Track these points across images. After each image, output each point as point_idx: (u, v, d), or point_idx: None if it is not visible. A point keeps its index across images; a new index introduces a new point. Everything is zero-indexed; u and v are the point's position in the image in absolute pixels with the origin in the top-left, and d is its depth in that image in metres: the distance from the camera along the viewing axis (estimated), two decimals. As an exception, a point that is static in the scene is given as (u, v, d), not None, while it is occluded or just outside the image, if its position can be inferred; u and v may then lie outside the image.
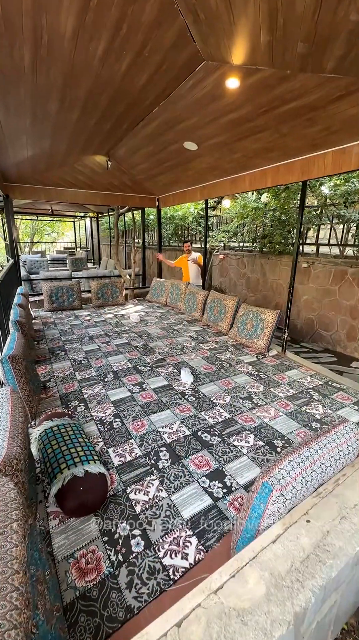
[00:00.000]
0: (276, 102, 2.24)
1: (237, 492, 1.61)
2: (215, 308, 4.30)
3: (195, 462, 1.80)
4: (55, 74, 1.84)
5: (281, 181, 3.40)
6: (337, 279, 4.91)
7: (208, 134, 3.00)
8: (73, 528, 1.41)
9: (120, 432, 2.07)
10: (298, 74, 1.90)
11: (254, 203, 6.54)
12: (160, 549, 1.32)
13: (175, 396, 2.51)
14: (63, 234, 21.97)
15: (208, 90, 2.25)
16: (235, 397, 2.52)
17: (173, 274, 9.21)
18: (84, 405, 2.36)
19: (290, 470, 1.09)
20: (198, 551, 1.31)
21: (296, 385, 2.76)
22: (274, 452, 1.90)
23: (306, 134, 2.59)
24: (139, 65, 1.89)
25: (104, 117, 2.68)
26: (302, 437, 2.04)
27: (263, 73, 1.95)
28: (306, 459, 1.16)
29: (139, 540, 1.35)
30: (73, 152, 3.70)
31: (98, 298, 5.53)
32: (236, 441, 1.99)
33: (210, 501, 1.55)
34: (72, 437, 1.80)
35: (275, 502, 1.03)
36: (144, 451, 1.89)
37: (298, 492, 1.09)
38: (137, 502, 1.54)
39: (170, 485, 1.63)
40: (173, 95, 2.39)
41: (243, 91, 2.19)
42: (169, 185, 5.14)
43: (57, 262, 11.50)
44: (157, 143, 3.45)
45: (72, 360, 3.17)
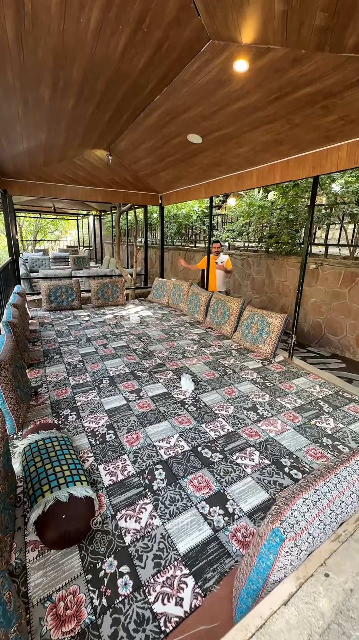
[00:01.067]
0: (288, 88, 2.05)
1: (240, 520, 1.43)
2: (219, 310, 4.11)
3: (194, 483, 1.63)
4: (44, 50, 1.67)
5: (291, 177, 3.20)
6: (347, 281, 4.70)
7: (214, 126, 2.81)
8: (54, 562, 1.24)
9: (113, 445, 1.90)
10: (313, 54, 1.71)
11: (260, 201, 6.33)
12: (151, 591, 1.14)
13: (174, 405, 2.33)
14: (67, 232, 21.87)
15: (214, 74, 2.06)
16: (238, 407, 2.34)
17: (187, 277, 9.03)
18: (76, 415, 2.20)
19: (305, 512, 0.91)
20: (195, 595, 1.13)
21: (305, 395, 2.57)
22: (281, 472, 1.72)
23: (320, 124, 2.39)
24: (138, 43, 1.71)
25: (102, 106, 2.51)
26: (312, 455, 1.86)
27: (274, 53, 1.76)
28: (324, 496, 0.97)
29: (127, 579, 1.18)
30: (72, 146, 3.53)
31: (98, 298, 5.37)
32: (239, 459, 1.81)
33: (209, 531, 1.37)
34: (59, 453, 1.63)
35: (288, 555, 0.85)
36: (138, 469, 1.71)
37: (314, 539, 0.90)
38: (127, 531, 1.36)
39: (165, 511, 1.46)
40: (176, 81, 2.21)
41: (252, 75, 2.00)
42: (172, 181, 4.96)
43: (59, 260, 11.37)
44: (159, 136, 3.27)
45: (67, 364, 3.01)
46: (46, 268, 9.41)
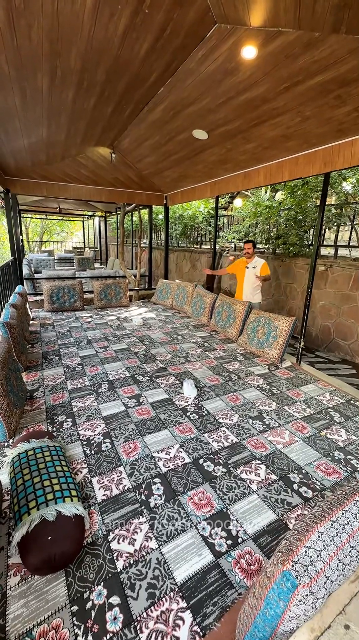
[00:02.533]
0: (299, 76, 1.93)
1: (244, 545, 1.29)
2: (224, 312, 3.98)
3: (194, 500, 1.49)
4: (38, 35, 1.57)
5: (300, 174, 3.06)
6: (357, 284, 4.53)
7: (220, 120, 2.69)
8: (37, 590, 1.12)
9: (108, 456, 1.77)
10: (328, 37, 1.58)
11: (267, 201, 6.19)
12: (144, 628, 1.01)
13: (175, 413, 2.20)
14: (73, 233, 21.94)
15: (221, 62, 1.95)
16: (243, 416, 2.20)
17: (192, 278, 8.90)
18: (72, 421, 2.08)
19: (321, 551, 0.77)
20: (192, 634, 1.00)
21: (314, 403, 2.42)
22: (290, 489, 1.58)
23: (333, 116, 2.26)
24: (138, 26, 1.60)
25: (104, 98, 2.41)
26: (323, 470, 1.71)
27: (286, 37, 1.64)
28: (343, 529, 0.84)
29: (117, 612, 1.05)
30: (74, 142, 3.44)
31: (101, 299, 5.27)
32: (244, 473, 1.67)
33: (210, 557, 1.24)
34: (49, 465, 1.51)
35: (301, 604, 0.71)
36: (134, 483, 1.59)
37: (333, 584, 0.77)
38: (120, 555, 1.24)
39: (162, 532, 1.33)
40: (181, 71, 2.10)
41: (260, 63, 1.88)
42: (177, 180, 4.85)
43: (64, 261, 11.35)
44: (164, 132, 3.16)
45: (66, 367, 2.90)
46: (50, 269, 9.38)
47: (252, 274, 4.15)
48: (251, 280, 4.18)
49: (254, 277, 4.12)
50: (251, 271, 4.16)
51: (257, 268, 4.11)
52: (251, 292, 4.23)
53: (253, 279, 4.15)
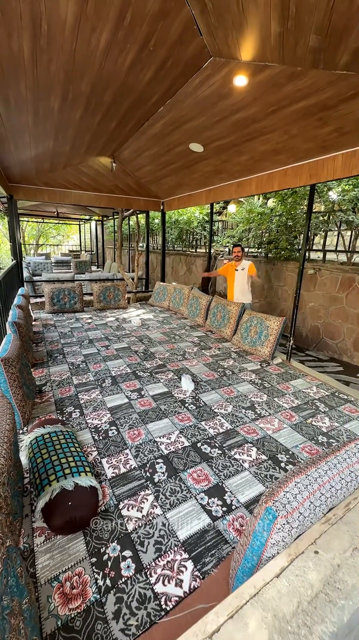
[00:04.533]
0: (285, 101, 2.17)
1: (237, 511, 1.49)
2: (218, 313, 4.20)
3: (194, 476, 1.69)
4: (56, 67, 1.78)
5: (289, 185, 3.31)
6: (344, 286, 4.79)
7: (215, 135, 2.93)
8: (60, 547, 1.30)
9: (115, 441, 1.96)
10: (309, 71, 1.82)
11: (260, 208, 6.46)
12: (152, 573, 1.21)
13: (174, 404, 2.40)
14: (69, 236, 22.08)
15: (215, 88, 2.18)
16: (237, 406, 2.41)
17: (187, 281, 9.13)
18: (79, 412, 2.27)
19: (296, 494, 0.98)
20: (194, 577, 1.20)
21: (301, 395, 2.64)
22: (278, 467, 1.78)
23: (316, 135, 2.51)
24: (144, 59, 1.83)
25: (108, 115, 2.63)
26: (308, 452, 1.92)
27: (272, 70, 1.88)
28: (315, 480, 1.05)
29: (130, 562, 1.24)
30: (78, 153, 3.65)
31: (100, 301, 5.46)
32: (237, 454, 1.87)
33: (208, 520, 1.44)
34: (64, 446, 1.70)
35: (280, 531, 0.92)
36: (140, 463, 1.78)
37: (305, 519, 0.98)
38: (130, 519, 1.43)
39: (165, 502, 1.53)
40: (180, 94, 2.33)
41: (251, 89, 2.12)
42: (174, 188, 5.08)
43: (61, 264, 11.50)
44: (162, 144, 3.39)
45: (70, 364, 3.09)
46: (48, 272, 9.52)
47: (241, 276, 4.40)
48: (242, 282, 4.43)
49: (244, 278, 4.39)
50: (241, 273, 4.41)
51: (245, 269, 4.38)
52: (242, 293, 4.47)
53: (243, 280, 4.40)
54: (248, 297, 4.50)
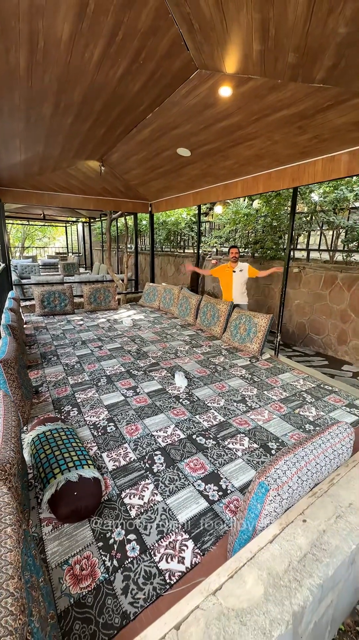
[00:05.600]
0: (267, 111, 2.30)
1: (233, 494, 1.60)
2: (208, 312, 4.32)
3: (190, 465, 1.79)
4: (50, 79, 1.86)
5: (273, 187, 3.46)
6: (327, 284, 5.00)
7: (201, 141, 3.04)
8: (67, 534, 1.38)
9: (114, 436, 2.05)
10: (288, 84, 1.95)
11: (246, 209, 6.63)
12: (156, 553, 1.30)
13: (169, 400, 2.50)
14: (55, 239, 21.84)
15: (201, 98, 2.29)
16: (229, 400, 2.53)
17: (177, 282, 9.23)
18: (77, 410, 2.34)
19: (286, 470, 1.10)
20: (195, 555, 1.30)
21: (289, 388, 2.78)
22: (269, 454, 1.91)
23: (297, 141, 2.65)
24: (134, 72, 1.92)
25: (98, 122, 2.70)
26: (296, 439, 2.05)
27: (254, 82, 2.00)
28: (302, 458, 1.17)
29: (134, 545, 1.33)
30: (67, 157, 3.70)
31: (90, 303, 5.50)
32: (230, 444, 1.99)
33: (205, 504, 1.54)
34: (66, 442, 1.77)
35: (272, 502, 1.03)
36: (139, 455, 1.87)
37: (294, 491, 1.09)
38: (132, 507, 1.52)
39: (165, 489, 1.62)
40: (167, 102, 2.43)
41: (235, 99, 2.24)
42: (162, 191, 5.18)
43: (48, 267, 11.42)
44: (151, 149, 3.48)
45: (65, 365, 3.14)
46: (36, 274, 9.45)
47: (239, 278, 4.38)
48: (240, 283, 4.41)
49: (242, 280, 4.38)
50: (239, 274, 4.38)
51: (244, 271, 4.36)
52: (240, 294, 4.47)
53: (241, 282, 4.39)
54: (246, 298, 4.52)
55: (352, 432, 1.38)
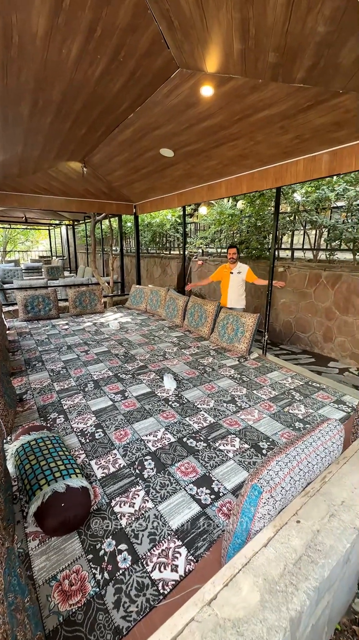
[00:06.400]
0: (249, 111, 2.30)
1: (225, 497, 1.58)
2: (196, 313, 4.31)
3: (181, 469, 1.76)
4: (27, 76, 1.80)
5: (256, 187, 3.48)
6: (312, 282, 5.07)
7: (184, 141, 3.03)
8: (55, 548, 1.32)
9: (102, 442, 1.99)
10: (269, 84, 1.96)
11: (230, 210, 6.67)
12: (149, 562, 1.26)
13: (158, 403, 2.46)
14: (39, 242, 21.43)
15: (183, 97, 2.27)
16: (218, 401, 2.51)
17: (163, 283, 9.19)
18: (64, 417, 2.27)
19: (278, 471, 1.08)
20: (188, 562, 1.27)
21: (278, 386, 2.79)
22: (260, 454, 1.90)
23: (279, 142, 2.68)
24: (114, 70, 1.88)
25: (79, 122, 2.65)
26: (286, 438, 2.05)
27: (236, 81, 2.00)
28: (293, 458, 1.16)
29: (126, 555, 1.29)
30: (48, 158, 3.62)
31: (76, 306, 5.40)
32: (221, 445, 1.97)
33: (198, 508, 1.51)
34: (52, 451, 1.71)
35: (265, 504, 1.01)
36: (128, 461, 1.82)
37: (287, 492, 1.08)
38: (123, 515, 1.47)
39: (156, 495, 1.58)
40: (149, 102, 2.40)
41: (217, 99, 2.23)
42: (146, 192, 5.15)
43: (32, 271, 11.16)
44: (133, 150, 3.44)
45: (50, 371, 3.05)
46: (19, 279, 9.23)
47: (237, 280, 4.20)
48: (237, 286, 4.21)
49: (239, 282, 4.18)
50: (237, 276, 4.20)
51: (242, 274, 4.17)
52: (237, 298, 4.26)
53: (239, 284, 4.20)
54: (242, 302, 4.30)
55: (342, 429, 1.38)
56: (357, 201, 4.48)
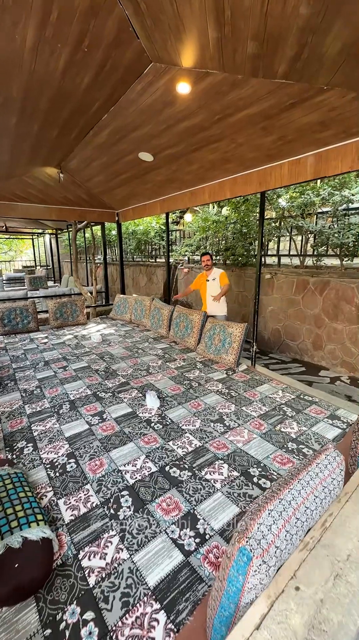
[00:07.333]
0: (229, 110, 2.17)
1: (212, 540, 1.37)
2: (181, 323, 4.12)
3: (163, 506, 1.55)
4: (-22, 67, 1.61)
5: (240, 192, 3.36)
6: (300, 289, 4.97)
7: (163, 144, 2.88)
8: (5, 622, 1.09)
9: (74, 476, 1.76)
10: (249, 79, 1.82)
11: (215, 216, 6.57)
12: (119, 636, 1.04)
13: (139, 425, 2.24)
14: (22, 252, 20.99)
15: (159, 95, 2.12)
16: (205, 420, 2.31)
17: (149, 292, 8.99)
18: (33, 446, 2.03)
19: (271, 525, 0.89)
20: (167, 632, 1.05)
21: (268, 401, 2.62)
22: (250, 483, 1.70)
23: (262, 143, 2.55)
24: (79, 62, 1.71)
25: (48, 123, 2.46)
26: (279, 462, 1.87)
27: (214, 77, 1.86)
28: (289, 505, 0.97)
29: (92, 627, 1.07)
30: (19, 163, 3.42)
31: (57, 318, 5.14)
32: (208, 474, 1.76)
33: (180, 557, 1.30)
34: (11, 492, 1.47)
35: (257, 573, 0.82)
36: (102, 498, 1.60)
37: (282, 552, 0.88)
38: (92, 571, 1.25)
39: (132, 542, 1.36)
40: (122, 101, 2.25)
41: (195, 97, 2.09)
42: (127, 198, 4.98)
43: (14, 281, 10.82)
44: (111, 154, 3.28)
45: (23, 391, 2.80)
46: (-1, 290, 8.89)
47: (213, 287, 4.18)
48: (214, 292, 4.19)
49: (216, 289, 4.16)
50: (213, 283, 4.19)
51: (216, 280, 4.16)
52: (215, 305, 4.23)
53: (216, 291, 4.16)
54: (223, 308, 4.25)
55: (342, 460, 1.20)
56: (342, 206, 4.42)
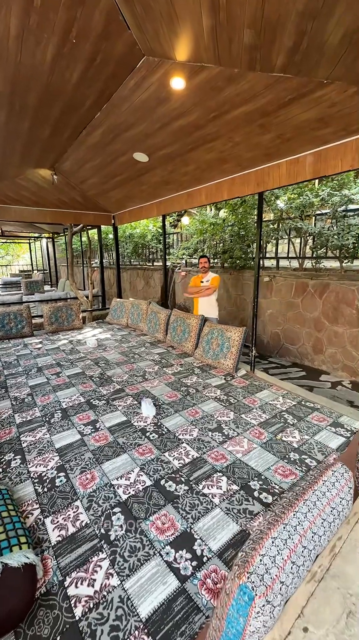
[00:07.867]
0: (225, 106, 2.09)
1: (210, 563, 1.27)
2: (178, 327, 4.02)
3: (157, 524, 1.44)
4: None
5: (237, 193, 3.28)
6: (299, 292, 4.89)
7: (158, 144, 2.80)
8: (-20, 663, 0.98)
9: (63, 491, 1.65)
10: (246, 73, 1.75)
11: (212, 219, 6.51)
12: None
13: (134, 435, 2.14)
14: (19, 256, 20.91)
15: (153, 91, 2.05)
16: (203, 429, 2.21)
17: (146, 296, 8.90)
18: (21, 458, 1.92)
19: (275, 556, 0.79)
20: (160, 673, 0.94)
21: (269, 408, 2.52)
22: (251, 497, 1.60)
23: (259, 142, 2.48)
24: (67, 54, 1.64)
25: (39, 121, 2.38)
26: (281, 474, 1.76)
27: (209, 71, 1.78)
28: (295, 530, 0.86)
29: (77, 668, 0.96)
30: (12, 164, 3.33)
31: (52, 323, 5.03)
32: (206, 488, 1.66)
33: (176, 583, 1.19)
34: (-7, 512, 1.36)
35: (259, 615, 0.71)
36: (93, 516, 1.49)
37: (288, 588, 0.78)
38: (78, 601, 1.14)
39: (123, 566, 1.25)
40: (115, 98, 2.17)
41: (189, 93, 2.01)
42: (123, 201, 4.91)
43: (10, 285, 10.73)
44: (105, 154, 3.20)
45: (13, 399, 2.69)
46: (-6, 295, 8.78)
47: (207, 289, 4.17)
48: (206, 296, 4.19)
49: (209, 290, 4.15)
50: (205, 285, 4.20)
51: (209, 282, 4.18)
52: (207, 307, 4.22)
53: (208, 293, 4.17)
54: (215, 311, 4.26)
55: (350, 477, 1.10)
56: (342, 207, 4.35)
